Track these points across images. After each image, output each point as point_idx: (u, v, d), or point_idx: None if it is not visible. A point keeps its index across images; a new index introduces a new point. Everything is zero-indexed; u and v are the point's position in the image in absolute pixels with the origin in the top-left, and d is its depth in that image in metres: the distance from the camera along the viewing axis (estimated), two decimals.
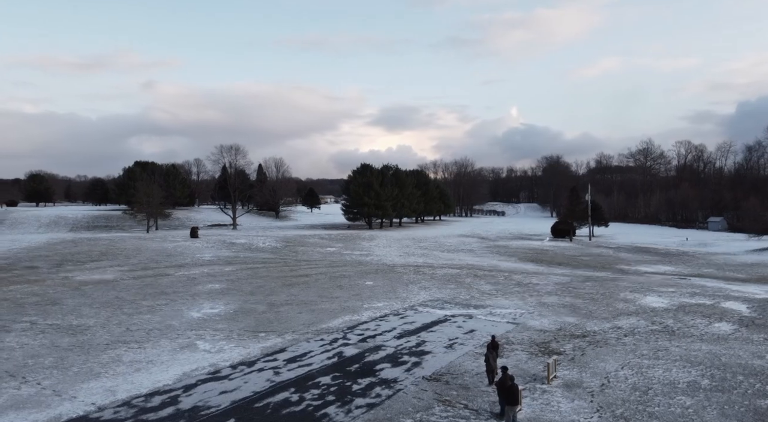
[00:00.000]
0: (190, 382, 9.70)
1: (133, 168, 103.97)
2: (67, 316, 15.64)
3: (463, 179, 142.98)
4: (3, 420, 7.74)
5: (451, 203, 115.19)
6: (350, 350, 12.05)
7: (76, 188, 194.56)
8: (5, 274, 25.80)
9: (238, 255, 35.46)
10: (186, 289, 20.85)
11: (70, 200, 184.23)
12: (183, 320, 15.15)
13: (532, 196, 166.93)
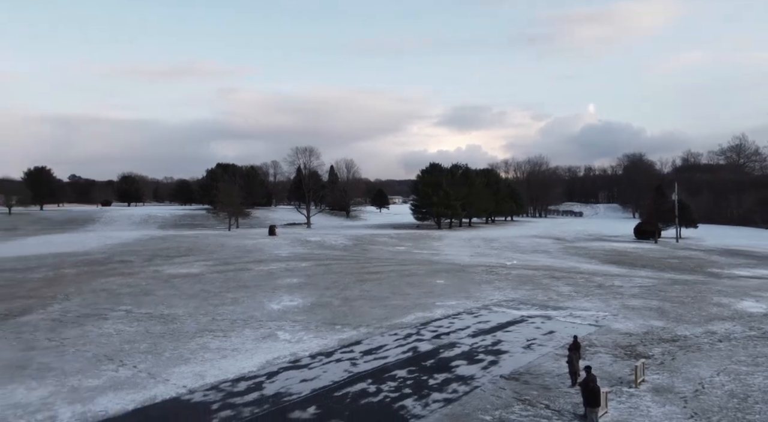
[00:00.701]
0: (273, 370, 10.07)
1: (215, 169, 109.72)
2: (159, 306, 16.74)
3: (536, 178, 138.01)
4: (103, 399, 8.36)
5: (524, 203, 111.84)
6: (424, 346, 12.02)
7: (163, 189, 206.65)
8: (102, 267, 28.00)
9: (312, 252, 36.43)
10: (266, 283, 21.70)
11: (157, 200, 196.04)
12: (264, 311, 15.78)
13: (612, 196, 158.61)
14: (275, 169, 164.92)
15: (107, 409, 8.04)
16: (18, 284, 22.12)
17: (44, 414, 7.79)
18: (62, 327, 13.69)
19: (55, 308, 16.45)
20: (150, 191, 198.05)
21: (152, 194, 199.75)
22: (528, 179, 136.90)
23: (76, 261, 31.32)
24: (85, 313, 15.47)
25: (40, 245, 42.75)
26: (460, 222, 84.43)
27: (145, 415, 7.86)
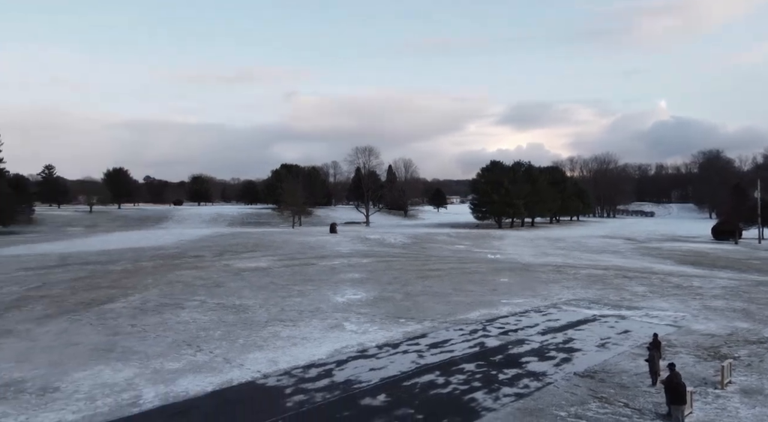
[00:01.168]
0: (342, 358, 10.21)
1: (279, 170, 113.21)
2: (230, 297, 17.41)
3: (603, 176, 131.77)
4: (184, 381, 8.72)
5: (591, 202, 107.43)
6: (492, 341, 11.80)
7: (230, 190, 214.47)
8: (177, 261, 29.43)
9: (372, 250, 36.71)
10: (329, 277, 22.09)
11: (225, 200, 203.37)
12: (330, 304, 16.05)
13: (685, 195, 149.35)
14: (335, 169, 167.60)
15: (188, 390, 8.40)
16: (101, 275, 23.64)
17: (129, 393, 8.25)
18: (143, 315, 14.51)
19: (135, 297, 17.45)
20: (218, 191, 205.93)
21: (220, 194, 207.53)
22: (595, 177, 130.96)
23: (153, 255, 33.11)
24: (163, 303, 16.32)
25: (119, 240, 45.56)
26: (522, 222, 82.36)
27: (223, 397, 8.17)
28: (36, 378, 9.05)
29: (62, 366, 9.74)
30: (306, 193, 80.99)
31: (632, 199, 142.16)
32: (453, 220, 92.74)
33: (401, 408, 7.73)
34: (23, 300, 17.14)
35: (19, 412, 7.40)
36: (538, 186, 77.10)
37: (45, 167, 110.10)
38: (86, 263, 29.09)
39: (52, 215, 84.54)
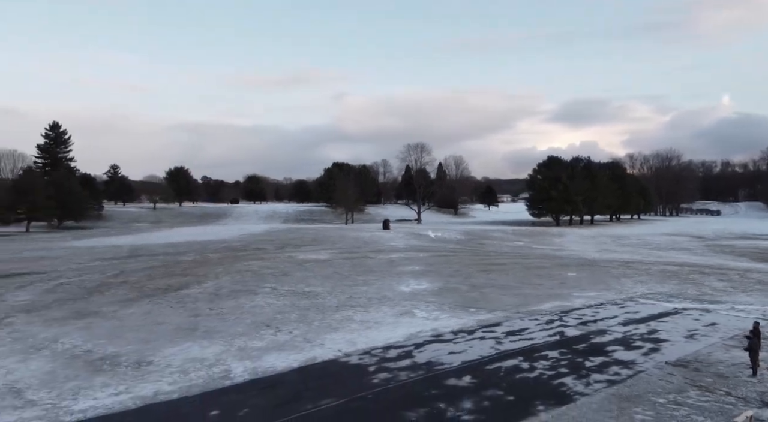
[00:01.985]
0: (418, 342, 10.16)
1: (331, 168, 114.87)
2: (299, 284, 17.73)
3: (666, 174, 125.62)
4: (269, 357, 8.89)
5: (652, 200, 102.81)
6: (571, 331, 11.43)
7: (283, 189, 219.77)
8: (241, 253, 30.27)
9: (427, 245, 36.53)
10: (389, 269, 22.12)
11: (278, 199, 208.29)
12: (395, 292, 16.05)
13: (753, 193, 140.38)
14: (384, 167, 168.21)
15: (275, 366, 8.56)
16: (172, 265, 24.63)
17: (219, 367, 8.47)
18: (219, 299, 14.99)
19: (209, 284, 18.07)
20: (272, 191, 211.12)
21: (274, 193, 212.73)
22: (656, 174, 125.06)
23: (218, 248, 34.22)
24: (236, 289, 16.82)
25: (184, 235, 47.40)
26: (581, 220, 79.79)
27: (310, 373, 8.28)
28: (129, 353, 9.47)
29: (152, 343, 10.16)
30: (357, 190, 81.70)
31: (696, 198, 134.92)
32: (506, 218, 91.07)
33: (489, 390, 7.59)
34: (104, 285, 18.09)
35: (118, 383, 7.75)
36: (597, 182, 74.36)
37: (111, 167, 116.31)
38: (156, 254, 30.40)
39: (119, 211, 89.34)
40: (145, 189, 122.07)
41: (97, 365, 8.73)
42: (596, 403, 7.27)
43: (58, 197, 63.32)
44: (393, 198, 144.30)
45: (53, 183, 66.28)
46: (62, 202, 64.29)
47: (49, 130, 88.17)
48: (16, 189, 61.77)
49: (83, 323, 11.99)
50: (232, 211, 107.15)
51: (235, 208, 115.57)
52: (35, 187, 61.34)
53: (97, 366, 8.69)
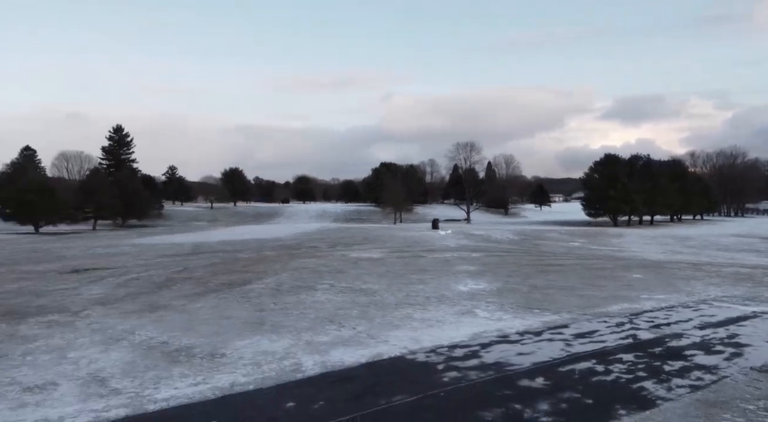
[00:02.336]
0: (484, 342, 10.00)
1: (379, 168, 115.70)
2: (355, 282, 17.87)
3: (730, 172, 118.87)
4: (336, 352, 8.95)
5: (716, 200, 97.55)
6: (644, 334, 10.95)
7: (331, 189, 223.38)
8: (295, 251, 30.84)
9: (479, 245, 36.04)
10: (443, 268, 21.94)
11: (326, 199, 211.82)
12: (453, 292, 15.91)
13: None
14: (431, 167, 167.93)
15: (343, 360, 8.63)
16: (232, 262, 25.37)
17: (290, 360, 8.60)
18: (280, 295, 15.30)
19: (269, 280, 18.48)
20: (321, 191, 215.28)
21: (322, 193, 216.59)
22: (719, 173, 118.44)
23: (273, 245, 35.02)
24: (296, 285, 17.13)
25: (240, 233, 48.80)
26: (640, 220, 76.69)
27: (378, 368, 8.30)
28: (202, 345, 9.77)
29: (222, 336, 10.47)
30: (405, 190, 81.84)
31: (762, 197, 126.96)
32: (559, 218, 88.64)
33: (565, 392, 7.36)
34: (170, 281, 18.83)
35: (196, 373, 7.99)
36: (658, 181, 71.25)
37: (169, 168, 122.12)
38: (216, 251, 31.40)
39: (178, 211, 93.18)
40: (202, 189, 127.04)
41: (174, 356, 9.07)
42: (681, 408, 6.92)
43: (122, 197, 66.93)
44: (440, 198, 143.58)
45: (117, 183, 70.15)
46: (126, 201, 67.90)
47: (113, 133, 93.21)
48: (84, 189, 65.76)
49: (156, 316, 12.52)
50: (283, 210, 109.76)
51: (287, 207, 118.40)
52: (101, 188, 65.05)
53: (174, 357, 9.02)
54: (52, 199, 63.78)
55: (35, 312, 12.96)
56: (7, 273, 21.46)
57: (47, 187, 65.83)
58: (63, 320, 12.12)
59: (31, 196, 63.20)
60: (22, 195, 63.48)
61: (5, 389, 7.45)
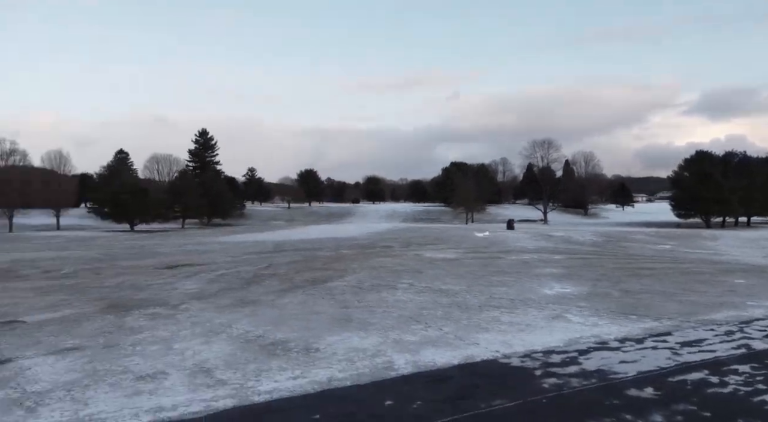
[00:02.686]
0: (581, 348, 9.55)
1: (449, 167, 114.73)
2: (434, 282, 17.74)
3: None
4: (427, 352, 8.88)
5: None
6: (758, 344, 10.02)
7: (399, 189, 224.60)
8: (372, 250, 31.16)
9: (559, 247, 34.73)
10: (524, 271, 21.29)
11: (394, 199, 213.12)
12: (539, 295, 15.38)
13: None
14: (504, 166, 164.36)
15: (434, 361, 8.54)
16: (312, 259, 26.03)
17: (382, 358, 8.62)
18: (363, 293, 15.48)
19: (350, 278, 18.78)
20: (388, 191, 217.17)
21: (390, 193, 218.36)
22: None
23: (349, 244, 35.61)
24: (375, 284, 17.28)
25: (317, 232, 50.08)
26: (735, 221, 70.90)
27: (471, 370, 8.14)
28: (296, 339, 10.03)
29: (313, 331, 10.71)
30: (476, 190, 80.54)
31: None
32: (644, 219, 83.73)
33: (679, 404, 6.86)
34: (258, 277, 19.60)
35: (293, 367, 8.18)
36: (755, 179, 65.52)
37: (248, 170, 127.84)
38: (296, 249, 32.37)
39: (258, 210, 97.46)
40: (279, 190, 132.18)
41: (271, 349, 9.37)
42: None
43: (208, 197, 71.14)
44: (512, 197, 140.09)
45: (203, 184, 74.54)
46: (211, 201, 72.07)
47: (198, 136, 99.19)
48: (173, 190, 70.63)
49: (248, 310, 13.05)
50: (355, 210, 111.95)
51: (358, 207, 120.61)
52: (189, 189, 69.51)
53: (271, 350, 9.32)
54: (146, 199, 69.01)
55: (138, 305, 13.92)
56: (108, 268, 23.28)
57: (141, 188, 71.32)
58: (164, 313, 12.92)
59: (126, 196, 68.71)
60: (117, 195, 69.19)
61: (120, 377, 8.00)
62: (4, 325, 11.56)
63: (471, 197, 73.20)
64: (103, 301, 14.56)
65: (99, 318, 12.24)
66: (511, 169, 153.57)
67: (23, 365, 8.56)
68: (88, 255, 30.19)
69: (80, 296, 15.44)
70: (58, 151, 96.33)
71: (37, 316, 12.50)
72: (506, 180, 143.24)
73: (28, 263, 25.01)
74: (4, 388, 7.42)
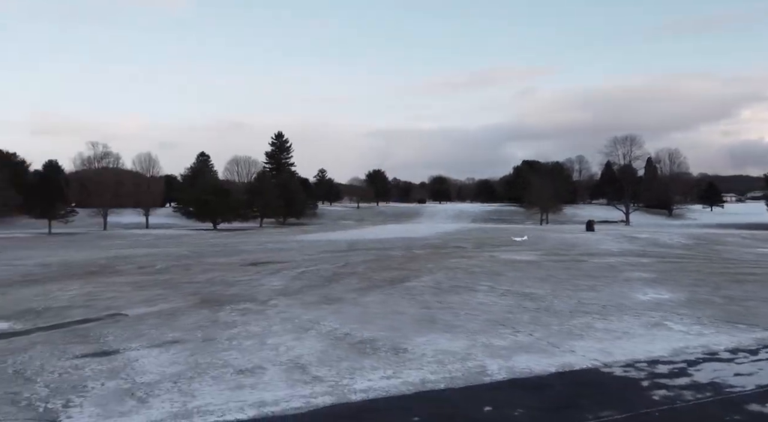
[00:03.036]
0: (689, 358, 8.88)
1: (520, 166, 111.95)
2: (515, 285, 17.25)
3: None
4: (520, 358, 8.63)
5: None
6: None
7: (465, 188, 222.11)
8: (444, 251, 30.90)
9: (646, 250, 32.80)
10: (612, 275, 20.22)
11: (461, 199, 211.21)
12: (633, 301, 14.53)
13: None
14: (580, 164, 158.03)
15: (530, 368, 8.25)
16: (386, 259, 26.17)
17: (473, 362, 8.45)
18: (442, 294, 15.32)
19: (426, 278, 18.68)
20: (454, 190, 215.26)
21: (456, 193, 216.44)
22: None
23: (421, 245, 35.52)
24: (454, 285, 17.05)
25: (387, 232, 50.43)
26: None
27: (570, 379, 7.78)
28: (383, 338, 10.05)
29: (399, 331, 10.68)
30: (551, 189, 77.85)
31: None
32: (736, 221, 77.53)
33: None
34: (337, 275, 19.94)
35: (385, 367, 8.18)
36: None
37: (319, 171, 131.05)
38: (369, 249, 32.69)
39: (329, 210, 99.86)
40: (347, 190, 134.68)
41: (360, 348, 9.43)
42: None
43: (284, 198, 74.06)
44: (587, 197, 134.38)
45: (280, 185, 77.63)
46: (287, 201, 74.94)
47: (275, 139, 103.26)
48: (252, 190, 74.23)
49: (333, 308, 13.27)
50: (423, 210, 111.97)
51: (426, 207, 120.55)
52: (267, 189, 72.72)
53: (360, 348, 9.38)
54: (227, 199, 73.06)
55: (229, 301, 14.54)
56: (196, 264, 24.59)
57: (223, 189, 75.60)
58: (255, 308, 13.41)
59: (210, 197, 72.99)
60: (202, 196, 73.59)
61: (221, 371, 8.32)
62: (108, 318, 12.44)
63: (546, 196, 70.57)
64: (196, 296, 15.34)
65: (194, 313, 12.89)
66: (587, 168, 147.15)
67: (130, 356, 9.13)
68: (177, 252, 32.08)
69: (174, 291, 16.35)
70: (147, 154, 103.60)
71: (136, 310, 13.36)
72: (582, 179, 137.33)
73: (123, 259, 26.92)
74: (115, 379, 7.92)
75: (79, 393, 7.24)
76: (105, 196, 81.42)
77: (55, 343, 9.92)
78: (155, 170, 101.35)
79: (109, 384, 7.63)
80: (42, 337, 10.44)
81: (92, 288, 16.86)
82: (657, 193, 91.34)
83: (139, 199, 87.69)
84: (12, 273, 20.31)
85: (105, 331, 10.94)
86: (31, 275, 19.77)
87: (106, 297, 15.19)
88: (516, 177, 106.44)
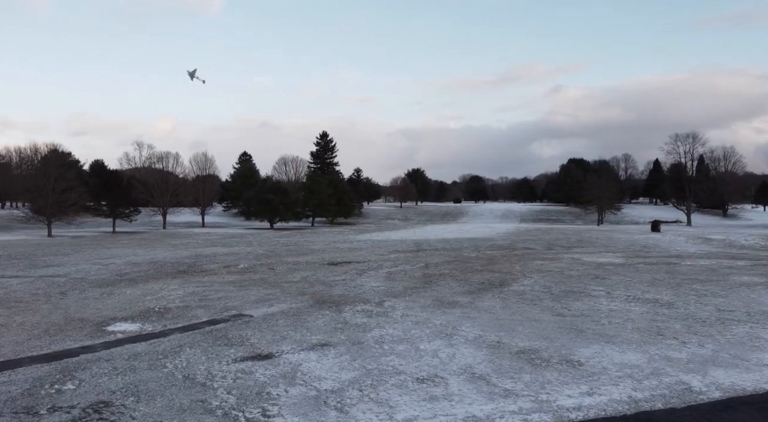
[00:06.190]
0: None
1: (567, 165, 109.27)
2: (630, 290, 16.30)
3: None
4: (715, 372, 8.02)
5: None
6: None
7: (499, 188, 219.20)
8: (517, 252, 30.04)
9: (729, 251, 31.32)
10: (719, 279, 19.00)
11: (494, 198, 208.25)
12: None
13: None
14: (626, 162, 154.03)
15: (737, 384, 7.51)
16: (463, 260, 25.49)
17: (668, 378, 7.81)
18: (562, 299, 14.54)
19: (526, 282, 17.92)
20: (487, 190, 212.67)
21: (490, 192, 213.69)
22: None
23: (487, 245, 34.69)
24: (565, 289, 16.24)
25: (444, 231, 49.65)
26: None
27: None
28: (544, 349, 9.41)
29: (553, 341, 10.00)
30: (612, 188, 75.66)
31: None
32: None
33: None
34: (428, 277, 19.33)
35: (575, 381, 7.65)
36: None
37: (355, 170, 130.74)
38: (436, 249, 32.08)
39: (373, 209, 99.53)
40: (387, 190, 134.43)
41: (527, 358, 8.80)
42: None
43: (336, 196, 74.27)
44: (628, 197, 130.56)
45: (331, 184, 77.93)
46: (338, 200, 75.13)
47: (320, 139, 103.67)
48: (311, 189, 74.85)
49: (458, 312, 12.66)
50: (466, 209, 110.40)
51: (469, 206, 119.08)
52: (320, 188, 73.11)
53: (528, 359, 8.75)
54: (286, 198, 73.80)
55: (343, 301, 14.11)
56: (278, 264, 24.34)
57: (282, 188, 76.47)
58: (375, 310, 12.93)
59: (270, 196, 73.87)
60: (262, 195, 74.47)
61: (398, 378, 7.80)
62: (236, 318, 12.16)
63: (607, 196, 68.35)
64: (305, 296, 14.99)
65: (317, 314, 12.49)
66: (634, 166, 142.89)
67: (290, 360, 8.72)
68: (254, 252, 32.04)
69: (280, 291, 16.05)
70: (203, 154, 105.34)
71: (256, 310, 13.05)
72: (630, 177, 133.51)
73: (207, 258, 26.92)
74: (294, 385, 7.50)
75: (270, 401, 6.85)
76: (166, 195, 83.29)
77: (201, 345, 9.63)
78: (210, 170, 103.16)
79: (293, 392, 7.22)
80: (183, 339, 10.18)
81: (195, 287, 16.72)
82: (712, 191, 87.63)
83: (197, 197, 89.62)
84: (107, 272, 20.45)
85: (243, 333, 10.62)
86: (125, 274, 19.85)
87: (216, 297, 14.97)
88: (563, 175, 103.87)
